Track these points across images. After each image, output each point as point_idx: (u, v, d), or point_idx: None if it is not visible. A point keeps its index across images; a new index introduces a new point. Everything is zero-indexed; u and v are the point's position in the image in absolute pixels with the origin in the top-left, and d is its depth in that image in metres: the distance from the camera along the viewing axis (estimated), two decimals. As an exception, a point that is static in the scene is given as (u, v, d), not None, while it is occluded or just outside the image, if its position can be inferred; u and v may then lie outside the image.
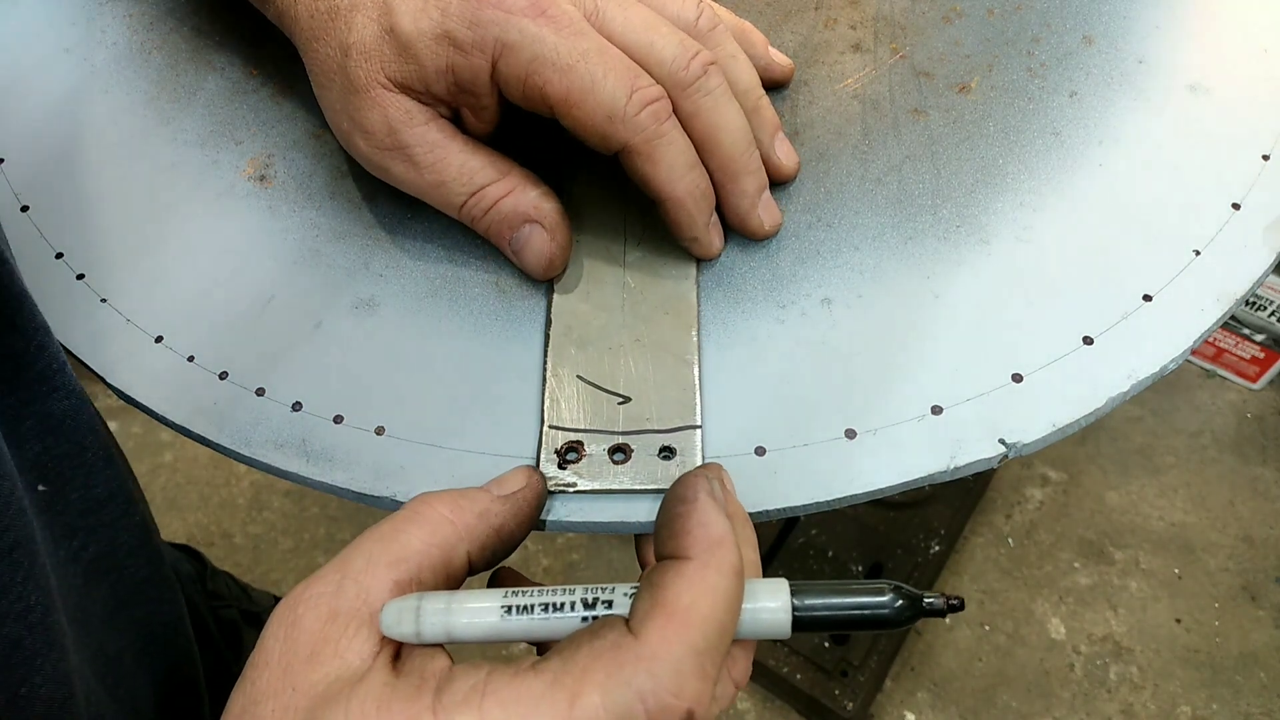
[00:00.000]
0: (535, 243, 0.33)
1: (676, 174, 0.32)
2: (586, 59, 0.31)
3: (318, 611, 0.24)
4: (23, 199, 0.38)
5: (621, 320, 0.34)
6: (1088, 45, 0.39)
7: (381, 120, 0.32)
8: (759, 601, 0.25)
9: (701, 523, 0.24)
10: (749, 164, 0.34)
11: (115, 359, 0.34)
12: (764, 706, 1.18)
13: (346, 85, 0.33)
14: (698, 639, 0.22)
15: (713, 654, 0.23)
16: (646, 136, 0.31)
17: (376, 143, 0.33)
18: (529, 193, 0.33)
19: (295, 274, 0.36)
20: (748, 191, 0.34)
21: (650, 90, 0.31)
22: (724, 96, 0.33)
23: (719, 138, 0.33)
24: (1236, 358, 1.39)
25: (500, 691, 0.22)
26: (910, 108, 0.38)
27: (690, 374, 0.32)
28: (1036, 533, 1.29)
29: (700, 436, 0.31)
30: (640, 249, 0.35)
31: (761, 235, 0.35)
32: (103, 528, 0.35)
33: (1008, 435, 0.30)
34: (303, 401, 0.33)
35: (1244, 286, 0.33)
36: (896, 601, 0.25)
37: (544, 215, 0.33)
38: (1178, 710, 1.16)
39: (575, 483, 0.30)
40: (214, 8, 0.43)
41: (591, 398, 0.32)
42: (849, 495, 0.30)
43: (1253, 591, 1.24)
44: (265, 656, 0.24)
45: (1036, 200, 0.35)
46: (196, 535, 1.33)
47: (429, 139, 0.33)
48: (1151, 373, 0.31)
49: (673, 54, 0.32)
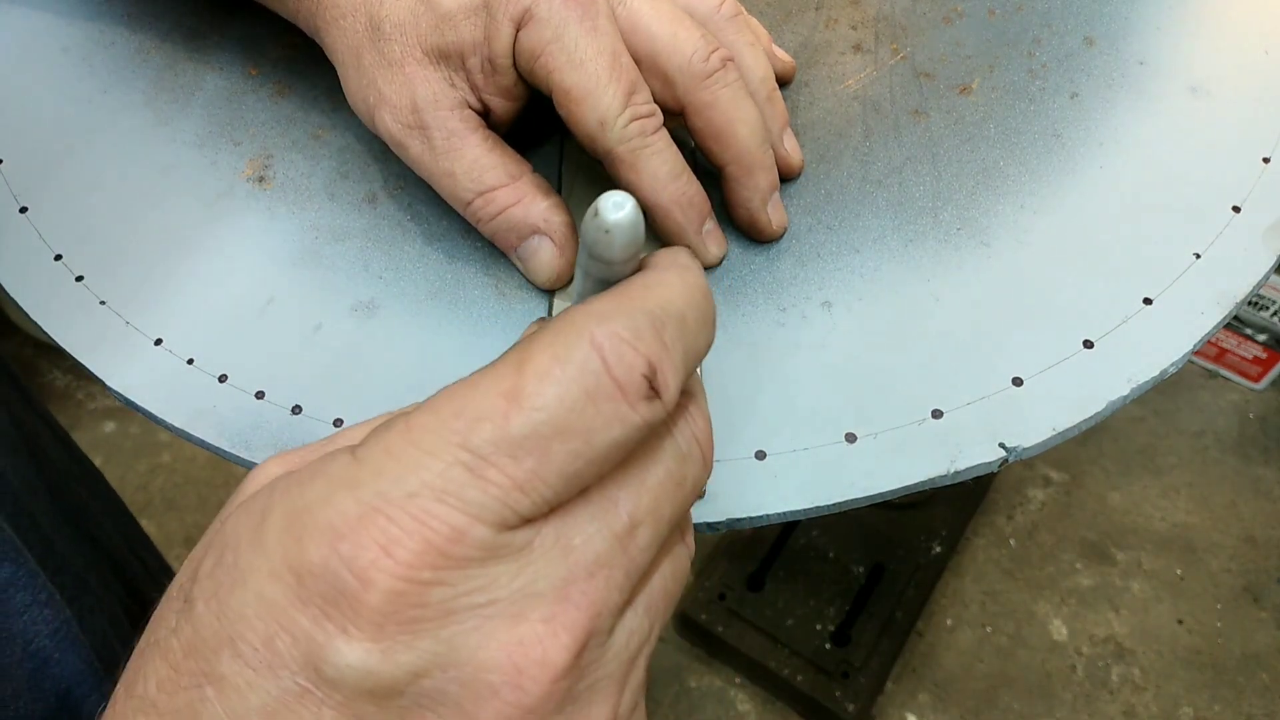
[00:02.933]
0: (543, 256, 0.33)
1: (660, 182, 0.32)
2: (598, 60, 0.31)
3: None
4: (22, 200, 0.38)
5: None
6: (1089, 46, 0.39)
7: (408, 96, 0.33)
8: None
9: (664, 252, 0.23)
10: (764, 159, 0.34)
11: (114, 361, 0.34)
12: (764, 708, 1.18)
13: (378, 59, 0.33)
14: (653, 306, 0.21)
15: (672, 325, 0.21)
16: (631, 146, 0.32)
17: (400, 118, 0.33)
18: (539, 203, 0.33)
19: (295, 276, 0.36)
20: (761, 187, 0.34)
21: (644, 107, 0.32)
22: (741, 91, 0.33)
23: (735, 129, 0.33)
24: (1239, 358, 1.39)
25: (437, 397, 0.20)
26: (911, 109, 0.38)
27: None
28: (1038, 534, 1.29)
29: None
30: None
31: (769, 235, 0.35)
32: None
33: (1008, 439, 0.30)
34: (302, 405, 0.33)
35: (1245, 289, 0.32)
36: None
37: (553, 229, 0.33)
38: (1180, 711, 1.15)
39: None
40: (213, 8, 0.43)
41: None
42: (849, 499, 0.30)
43: (1255, 592, 1.23)
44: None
45: (1037, 203, 0.35)
46: (195, 536, 1.33)
47: (449, 125, 0.33)
48: (1152, 376, 0.31)
49: (694, 46, 0.32)
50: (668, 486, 0.22)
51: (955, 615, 1.23)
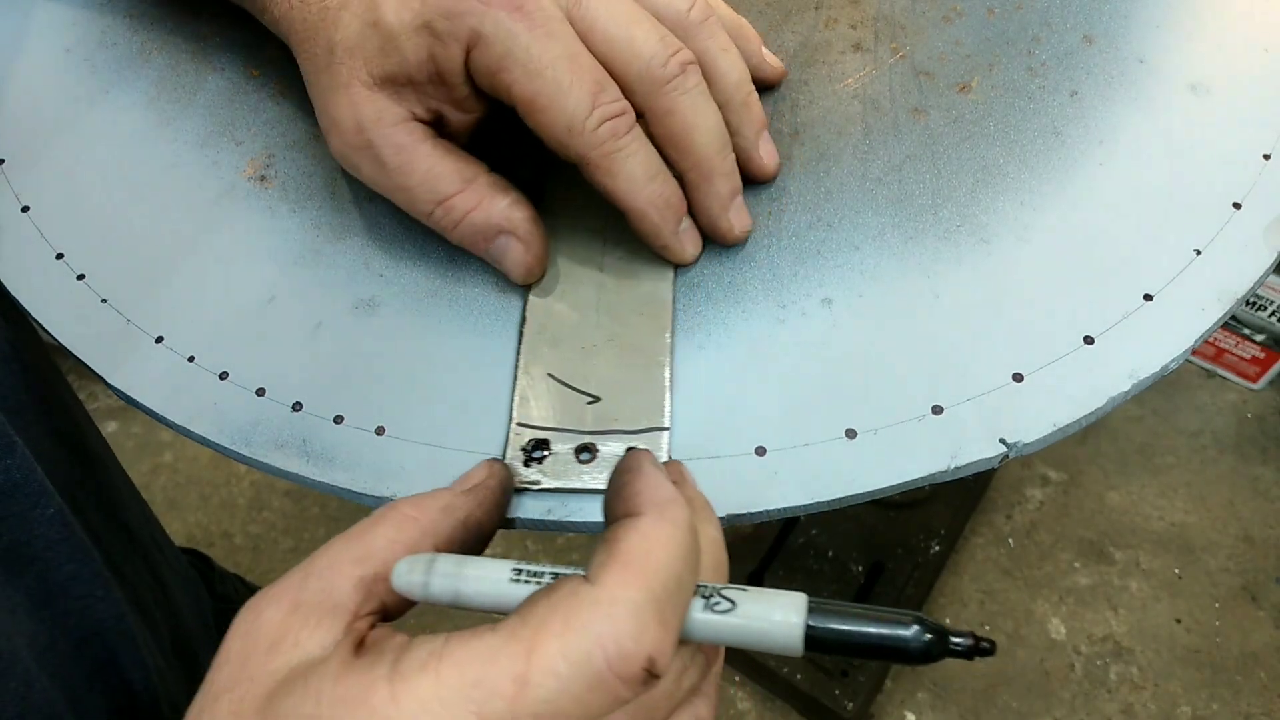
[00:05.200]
0: (511, 255, 0.34)
1: (636, 185, 0.32)
2: (556, 66, 0.30)
3: (279, 605, 0.24)
4: (23, 199, 0.38)
5: (596, 320, 0.34)
6: (1088, 45, 0.39)
7: (352, 117, 0.32)
8: (774, 614, 0.24)
9: (649, 485, 0.24)
10: (722, 166, 0.33)
11: (115, 359, 0.34)
12: (764, 706, 1.18)
13: (329, 83, 0.33)
14: (655, 585, 0.22)
15: (672, 602, 0.22)
16: (604, 150, 0.31)
17: (346, 140, 0.33)
18: (497, 203, 0.33)
19: (295, 274, 0.36)
20: (720, 194, 0.34)
21: (613, 106, 0.31)
22: (701, 96, 0.32)
23: (693, 137, 0.32)
24: (1237, 358, 1.39)
25: (456, 653, 0.22)
26: (911, 107, 0.38)
27: (661, 376, 0.32)
28: (1037, 533, 1.29)
29: (667, 438, 0.31)
30: (619, 249, 0.35)
31: (730, 240, 0.35)
32: (12, 517, 0.35)
33: (1008, 435, 0.30)
34: (303, 402, 0.33)
35: (1245, 286, 0.33)
36: (923, 635, 0.24)
37: (516, 226, 0.33)
38: (1178, 710, 1.16)
39: (539, 480, 0.30)
40: (215, 9, 0.43)
41: (561, 396, 0.32)
42: (849, 495, 0.30)
43: (1253, 591, 1.24)
44: (225, 654, 0.24)
45: (1037, 200, 0.35)
46: (196, 535, 1.33)
47: (396, 140, 0.32)
48: (1152, 372, 0.31)
49: (652, 50, 0.32)
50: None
51: (954, 614, 1.23)
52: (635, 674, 0.21)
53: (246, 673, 0.23)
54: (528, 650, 0.21)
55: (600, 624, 0.21)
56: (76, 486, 0.41)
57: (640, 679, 0.21)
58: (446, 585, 0.24)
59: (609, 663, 0.21)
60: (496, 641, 0.22)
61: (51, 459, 0.39)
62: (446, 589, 0.24)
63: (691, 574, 0.23)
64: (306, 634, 0.24)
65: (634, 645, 0.21)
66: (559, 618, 0.21)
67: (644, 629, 0.21)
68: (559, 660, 0.21)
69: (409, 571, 0.24)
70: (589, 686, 0.21)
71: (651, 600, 0.22)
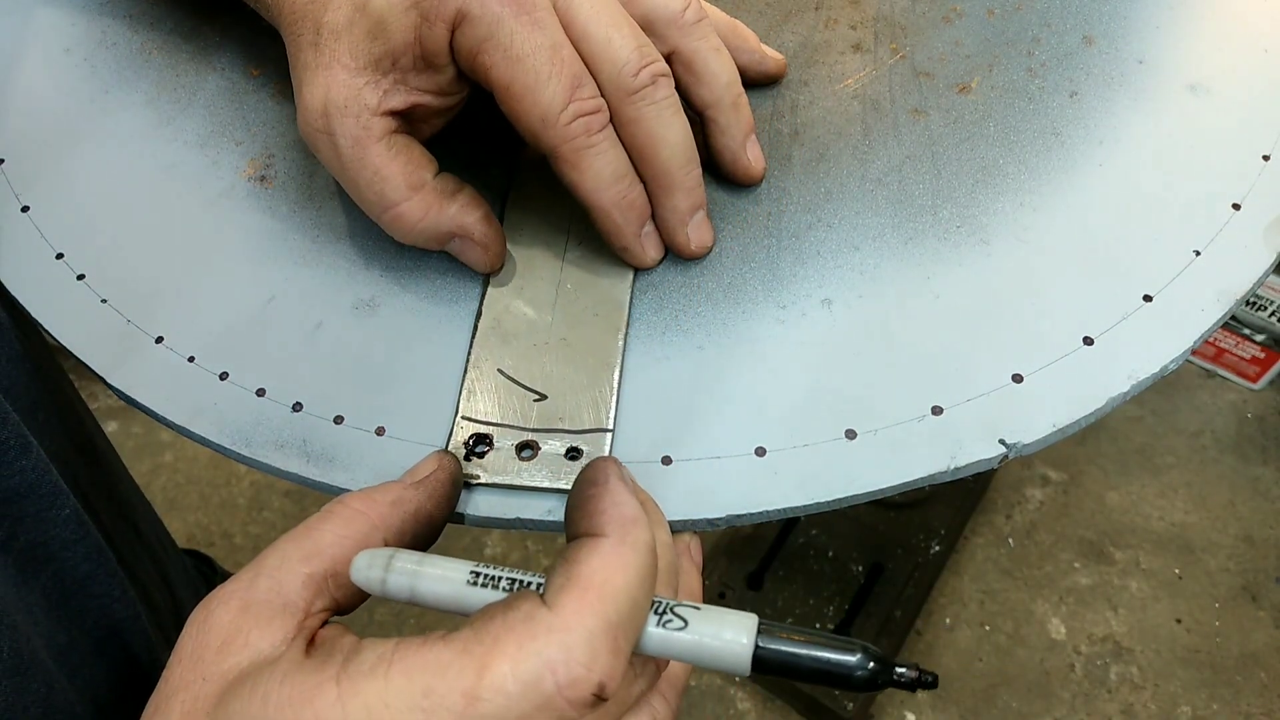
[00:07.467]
0: (469, 255, 0.34)
1: (602, 184, 0.32)
2: (537, 55, 0.30)
3: (229, 605, 0.25)
4: (23, 199, 0.38)
5: (551, 318, 0.34)
6: (1088, 45, 0.39)
7: (321, 99, 0.32)
8: (724, 632, 0.24)
9: (614, 502, 0.25)
10: (684, 180, 0.33)
11: (115, 359, 0.34)
12: (764, 706, 1.18)
13: (312, 62, 0.33)
14: (611, 612, 0.22)
15: (626, 629, 0.23)
16: (575, 146, 0.31)
17: (309, 121, 0.33)
18: (447, 210, 0.33)
19: (295, 274, 0.36)
20: (678, 208, 0.34)
21: (589, 103, 0.31)
22: (669, 109, 0.32)
23: (657, 149, 0.32)
24: (1237, 358, 1.39)
25: (408, 659, 0.22)
26: (910, 108, 0.38)
27: (610, 377, 0.32)
28: (1037, 533, 1.29)
29: (610, 440, 0.31)
30: (581, 248, 0.35)
31: (688, 254, 0.35)
32: (28, 518, 0.35)
33: (1008, 435, 0.30)
34: (303, 402, 0.33)
35: (1244, 286, 0.33)
36: (867, 664, 0.24)
37: (469, 229, 0.33)
38: (1178, 710, 1.16)
39: (479, 475, 0.30)
40: (214, 9, 0.43)
41: (508, 392, 0.32)
42: (849, 495, 0.30)
43: (1253, 591, 1.24)
44: (179, 653, 0.24)
45: (1037, 200, 0.35)
46: (196, 535, 1.33)
47: (352, 132, 0.32)
48: (1152, 373, 0.31)
49: (626, 57, 0.31)
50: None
51: (954, 614, 1.23)
52: (584, 699, 0.22)
53: (199, 672, 0.24)
54: (480, 667, 0.21)
55: (554, 650, 0.22)
56: (89, 486, 0.41)
57: (589, 703, 0.22)
58: (404, 582, 0.24)
59: (559, 687, 0.21)
60: (449, 654, 0.22)
61: (64, 459, 0.39)
62: (404, 586, 0.24)
63: (647, 597, 0.24)
64: (257, 633, 0.24)
65: (585, 672, 0.22)
66: (514, 640, 0.22)
67: (596, 657, 0.22)
68: (509, 680, 0.21)
69: (368, 567, 0.24)
70: (537, 707, 0.21)
71: (607, 629, 0.22)
